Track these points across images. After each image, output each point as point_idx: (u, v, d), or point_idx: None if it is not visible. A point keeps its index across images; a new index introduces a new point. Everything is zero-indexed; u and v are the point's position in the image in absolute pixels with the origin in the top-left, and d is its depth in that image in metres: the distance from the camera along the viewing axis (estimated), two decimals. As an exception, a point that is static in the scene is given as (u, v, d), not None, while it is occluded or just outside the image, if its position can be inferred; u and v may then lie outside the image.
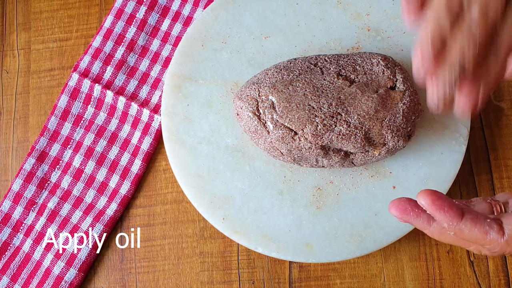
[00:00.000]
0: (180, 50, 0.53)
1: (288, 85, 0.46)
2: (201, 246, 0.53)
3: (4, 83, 0.59)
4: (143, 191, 0.55)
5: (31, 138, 0.57)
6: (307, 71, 0.47)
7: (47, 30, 0.60)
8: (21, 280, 0.52)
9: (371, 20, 0.53)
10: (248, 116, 0.46)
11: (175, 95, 0.52)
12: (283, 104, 0.45)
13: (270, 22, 0.54)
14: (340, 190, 0.49)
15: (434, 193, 0.33)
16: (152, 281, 0.52)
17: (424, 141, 0.50)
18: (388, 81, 0.46)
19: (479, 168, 0.53)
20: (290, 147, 0.45)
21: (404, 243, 0.52)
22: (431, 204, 0.32)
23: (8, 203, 0.54)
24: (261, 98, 0.46)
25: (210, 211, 0.49)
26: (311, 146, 0.45)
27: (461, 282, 0.50)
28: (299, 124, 0.45)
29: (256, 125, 0.46)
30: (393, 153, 0.47)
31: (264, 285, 0.52)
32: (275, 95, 0.46)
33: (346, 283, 0.51)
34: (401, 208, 0.34)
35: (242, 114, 0.47)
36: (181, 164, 0.51)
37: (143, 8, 0.58)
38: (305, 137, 0.45)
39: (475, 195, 0.52)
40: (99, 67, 0.57)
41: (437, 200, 0.32)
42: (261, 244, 0.48)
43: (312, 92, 0.45)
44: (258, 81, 0.47)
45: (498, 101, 0.54)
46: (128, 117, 0.55)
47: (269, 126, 0.46)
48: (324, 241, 0.48)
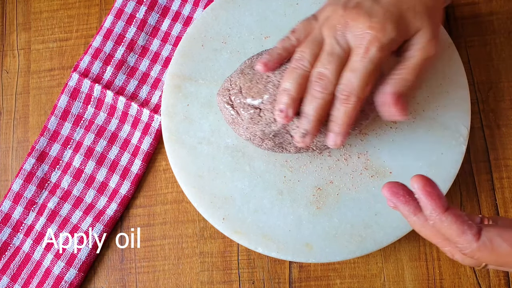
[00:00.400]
0: (180, 50, 0.53)
1: (253, 67, 0.45)
2: (201, 246, 0.53)
3: (4, 83, 0.59)
4: (143, 191, 0.55)
5: (31, 138, 0.57)
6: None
7: (47, 30, 0.60)
8: (21, 280, 0.52)
9: (371, 20, 0.53)
10: (224, 108, 0.46)
11: (175, 95, 0.52)
12: (247, 85, 0.45)
13: (270, 22, 0.54)
14: (340, 190, 0.49)
15: (428, 179, 0.34)
16: (152, 281, 0.52)
17: (424, 141, 0.50)
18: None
19: (479, 168, 0.53)
20: (262, 126, 0.44)
21: (404, 243, 0.52)
22: (422, 189, 0.34)
23: (8, 203, 0.54)
24: (231, 86, 0.46)
25: (210, 211, 0.49)
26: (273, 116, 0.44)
27: (461, 282, 0.50)
28: (259, 98, 0.44)
29: (232, 114, 0.46)
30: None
31: (264, 285, 0.52)
32: (241, 80, 0.45)
33: (346, 283, 0.51)
34: (393, 190, 0.35)
35: (221, 107, 0.47)
36: (181, 164, 0.51)
37: (143, 8, 0.58)
38: (266, 109, 0.44)
39: (475, 195, 0.52)
40: (99, 67, 0.57)
41: (428, 186, 0.34)
42: (261, 244, 0.48)
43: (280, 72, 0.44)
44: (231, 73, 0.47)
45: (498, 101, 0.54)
46: (128, 117, 0.55)
47: (241, 111, 0.45)
48: (324, 241, 0.48)
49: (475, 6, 0.57)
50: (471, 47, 0.56)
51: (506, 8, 0.56)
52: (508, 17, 0.56)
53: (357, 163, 0.50)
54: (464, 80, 0.51)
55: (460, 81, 0.51)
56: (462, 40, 0.56)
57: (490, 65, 0.55)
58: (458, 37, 0.56)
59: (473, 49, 0.56)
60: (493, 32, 0.56)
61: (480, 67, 0.55)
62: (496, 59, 0.55)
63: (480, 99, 0.54)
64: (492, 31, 0.56)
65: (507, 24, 0.56)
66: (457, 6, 0.57)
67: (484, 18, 0.56)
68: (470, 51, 0.56)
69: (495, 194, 0.52)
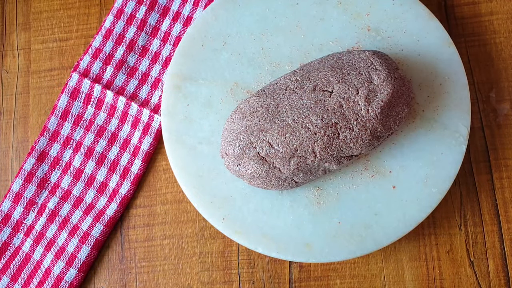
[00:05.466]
0: (180, 50, 0.53)
1: (274, 121, 0.46)
2: (201, 246, 0.53)
3: (4, 83, 0.59)
4: (143, 191, 0.55)
5: (31, 138, 0.57)
6: (282, 99, 0.46)
7: (47, 30, 0.60)
8: (21, 280, 0.52)
9: (371, 20, 0.53)
10: (253, 166, 0.46)
11: (175, 95, 0.52)
12: (279, 139, 0.45)
13: (270, 22, 0.54)
14: (340, 190, 0.49)
15: None
16: (152, 281, 0.52)
17: (424, 141, 0.50)
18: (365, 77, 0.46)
19: (479, 168, 0.53)
20: (306, 171, 0.46)
21: (404, 243, 0.52)
22: None
23: (8, 203, 0.54)
24: (256, 143, 0.45)
25: (210, 211, 0.49)
26: (325, 160, 0.45)
27: (461, 282, 0.50)
28: (306, 148, 0.45)
29: (266, 169, 0.46)
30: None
31: (264, 285, 0.52)
32: (267, 135, 0.45)
33: (346, 283, 0.51)
34: None
35: (245, 165, 0.46)
36: (181, 164, 0.51)
37: (143, 8, 0.58)
38: (315, 155, 0.45)
39: (475, 195, 0.52)
40: (99, 67, 0.57)
41: None
42: (261, 244, 0.48)
43: (299, 115, 0.45)
44: (240, 131, 0.46)
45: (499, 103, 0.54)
46: (128, 117, 0.55)
47: (278, 164, 0.46)
48: (324, 241, 0.48)
49: (475, 6, 0.57)
50: (471, 47, 0.56)
51: (506, 8, 0.56)
52: (508, 17, 0.56)
53: (357, 163, 0.50)
54: (464, 80, 0.51)
55: (460, 81, 0.51)
56: (462, 40, 0.56)
57: (490, 65, 0.55)
58: (458, 37, 0.56)
59: (473, 49, 0.56)
60: (493, 32, 0.56)
61: (480, 67, 0.55)
62: (496, 59, 0.55)
63: (480, 99, 0.55)
64: (492, 31, 0.56)
65: (507, 24, 0.56)
66: (457, 6, 0.57)
67: (484, 18, 0.56)
68: (470, 51, 0.56)
69: (495, 194, 0.52)
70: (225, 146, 0.47)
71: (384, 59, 0.47)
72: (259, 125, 0.46)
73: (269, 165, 0.46)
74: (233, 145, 0.46)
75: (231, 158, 0.47)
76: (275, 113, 0.46)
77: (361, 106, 0.45)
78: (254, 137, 0.45)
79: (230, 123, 0.47)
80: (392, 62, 0.47)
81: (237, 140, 0.46)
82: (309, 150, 0.45)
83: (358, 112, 0.45)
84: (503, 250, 0.51)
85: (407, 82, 0.47)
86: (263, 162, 0.46)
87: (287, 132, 0.45)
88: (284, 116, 0.45)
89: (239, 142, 0.46)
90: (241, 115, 0.47)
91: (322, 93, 0.46)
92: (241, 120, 0.46)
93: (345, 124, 0.45)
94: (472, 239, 0.51)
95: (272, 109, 0.46)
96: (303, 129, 0.45)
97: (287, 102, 0.46)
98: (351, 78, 0.46)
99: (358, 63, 0.47)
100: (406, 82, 0.47)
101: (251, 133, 0.46)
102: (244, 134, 0.46)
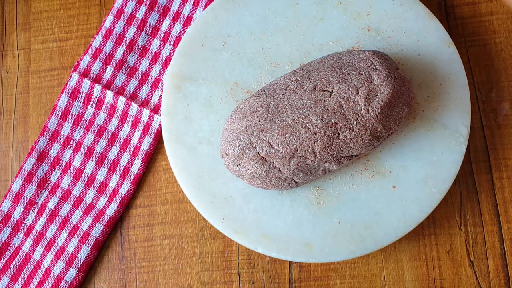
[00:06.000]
0: (180, 50, 0.53)
1: (273, 121, 0.46)
2: (201, 246, 0.53)
3: (4, 83, 0.59)
4: (143, 191, 0.55)
5: (31, 138, 0.57)
6: (282, 99, 0.46)
7: (47, 30, 0.60)
8: (21, 280, 0.52)
9: (371, 20, 0.53)
10: (253, 165, 0.46)
11: (175, 95, 0.52)
12: (279, 139, 0.45)
13: (270, 22, 0.54)
14: (340, 190, 0.49)
15: None
16: (152, 281, 0.52)
17: (424, 141, 0.50)
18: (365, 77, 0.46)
19: (479, 168, 0.53)
20: (306, 171, 0.46)
21: (404, 243, 0.52)
22: None
23: (8, 203, 0.54)
24: (256, 143, 0.45)
25: (210, 211, 0.49)
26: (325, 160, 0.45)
27: (461, 282, 0.50)
28: (306, 148, 0.45)
29: (266, 169, 0.46)
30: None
31: (264, 285, 0.52)
32: (267, 135, 0.45)
33: (346, 283, 0.51)
34: None
35: (245, 165, 0.46)
36: (181, 164, 0.51)
37: (143, 8, 0.58)
38: (315, 155, 0.45)
39: (475, 195, 0.52)
40: (99, 67, 0.57)
41: None
42: (261, 244, 0.48)
43: (299, 115, 0.45)
44: (240, 131, 0.46)
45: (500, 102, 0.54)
46: (128, 117, 0.56)
47: (278, 164, 0.46)
48: (324, 241, 0.48)
49: (475, 6, 0.57)
50: (471, 47, 0.56)
51: (506, 8, 0.56)
52: (508, 17, 0.56)
53: (357, 163, 0.50)
54: (464, 80, 0.51)
55: (460, 81, 0.51)
56: (462, 40, 0.56)
57: (490, 65, 0.55)
58: (458, 37, 0.56)
59: (473, 49, 0.56)
60: (493, 32, 0.56)
61: (480, 67, 0.55)
62: (496, 59, 0.55)
63: (480, 99, 0.55)
64: (492, 31, 0.56)
65: (507, 24, 0.56)
66: (457, 6, 0.57)
67: (484, 18, 0.56)
68: (470, 51, 0.56)
69: (495, 194, 0.52)
70: (225, 146, 0.47)
71: (384, 59, 0.47)
72: (259, 125, 0.46)
73: (269, 165, 0.46)
74: (233, 145, 0.46)
75: (231, 158, 0.47)
76: (275, 113, 0.46)
77: (361, 106, 0.45)
78: (254, 137, 0.45)
79: (230, 123, 0.47)
80: (392, 62, 0.47)
81: (237, 140, 0.46)
82: (309, 150, 0.45)
83: (358, 112, 0.45)
84: (503, 250, 0.51)
85: (407, 82, 0.47)
86: (263, 162, 0.46)
87: (287, 132, 0.45)
88: (284, 116, 0.45)
89: (239, 142, 0.46)
90: (241, 115, 0.47)
91: (322, 93, 0.46)
92: (241, 120, 0.46)
93: (345, 124, 0.45)
94: (472, 239, 0.51)
95: (272, 109, 0.46)
96: (303, 129, 0.45)
97: (287, 102, 0.46)
98: (351, 78, 0.46)
99: (358, 63, 0.47)
100: (406, 82, 0.47)
101: (251, 133, 0.46)
102: (244, 134, 0.46)
